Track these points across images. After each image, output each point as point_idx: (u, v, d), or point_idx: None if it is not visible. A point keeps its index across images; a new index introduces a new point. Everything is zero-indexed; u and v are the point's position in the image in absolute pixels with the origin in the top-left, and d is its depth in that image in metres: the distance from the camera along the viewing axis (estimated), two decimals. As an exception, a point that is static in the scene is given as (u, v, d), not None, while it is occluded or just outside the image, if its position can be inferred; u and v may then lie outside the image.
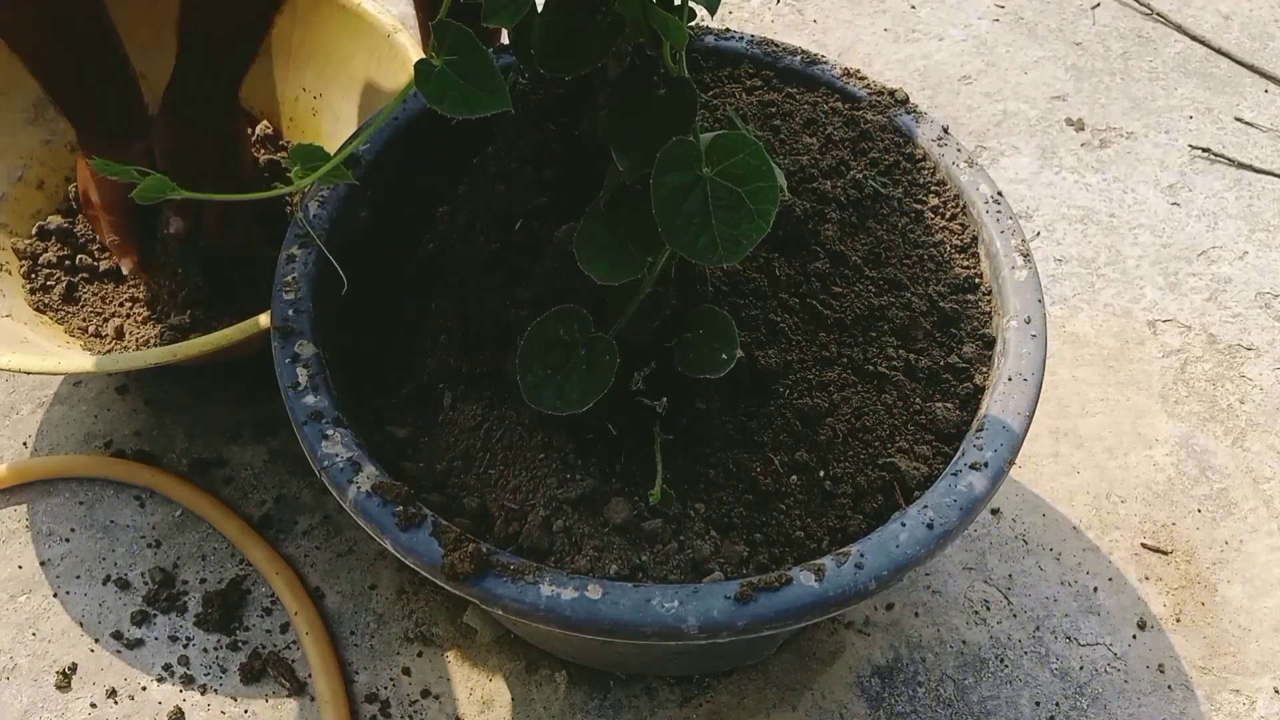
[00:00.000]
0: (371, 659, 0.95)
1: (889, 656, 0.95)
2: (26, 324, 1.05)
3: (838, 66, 0.96)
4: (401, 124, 0.92)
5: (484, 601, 0.68)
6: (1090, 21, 1.52)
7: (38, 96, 1.16)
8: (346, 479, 0.72)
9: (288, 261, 0.83)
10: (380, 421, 0.80)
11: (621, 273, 0.65)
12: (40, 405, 1.12)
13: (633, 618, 0.66)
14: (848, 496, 0.75)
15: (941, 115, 1.39)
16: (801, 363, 0.78)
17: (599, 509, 0.73)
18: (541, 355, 0.68)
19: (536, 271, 0.75)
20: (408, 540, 0.69)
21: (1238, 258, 1.25)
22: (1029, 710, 0.93)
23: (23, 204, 1.15)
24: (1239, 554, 1.02)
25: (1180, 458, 1.09)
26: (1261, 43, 1.48)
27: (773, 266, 0.79)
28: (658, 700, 0.93)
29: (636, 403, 0.72)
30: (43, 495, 1.05)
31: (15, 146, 1.15)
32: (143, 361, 0.94)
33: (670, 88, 0.64)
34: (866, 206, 0.87)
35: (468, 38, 0.59)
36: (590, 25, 0.62)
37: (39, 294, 1.10)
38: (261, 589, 0.99)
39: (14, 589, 1.00)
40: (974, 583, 1.00)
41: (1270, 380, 1.15)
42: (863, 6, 1.55)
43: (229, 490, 1.05)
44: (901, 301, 0.83)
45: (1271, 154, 1.35)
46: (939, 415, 0.79)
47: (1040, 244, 1.26)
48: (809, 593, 0.67)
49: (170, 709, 0.92)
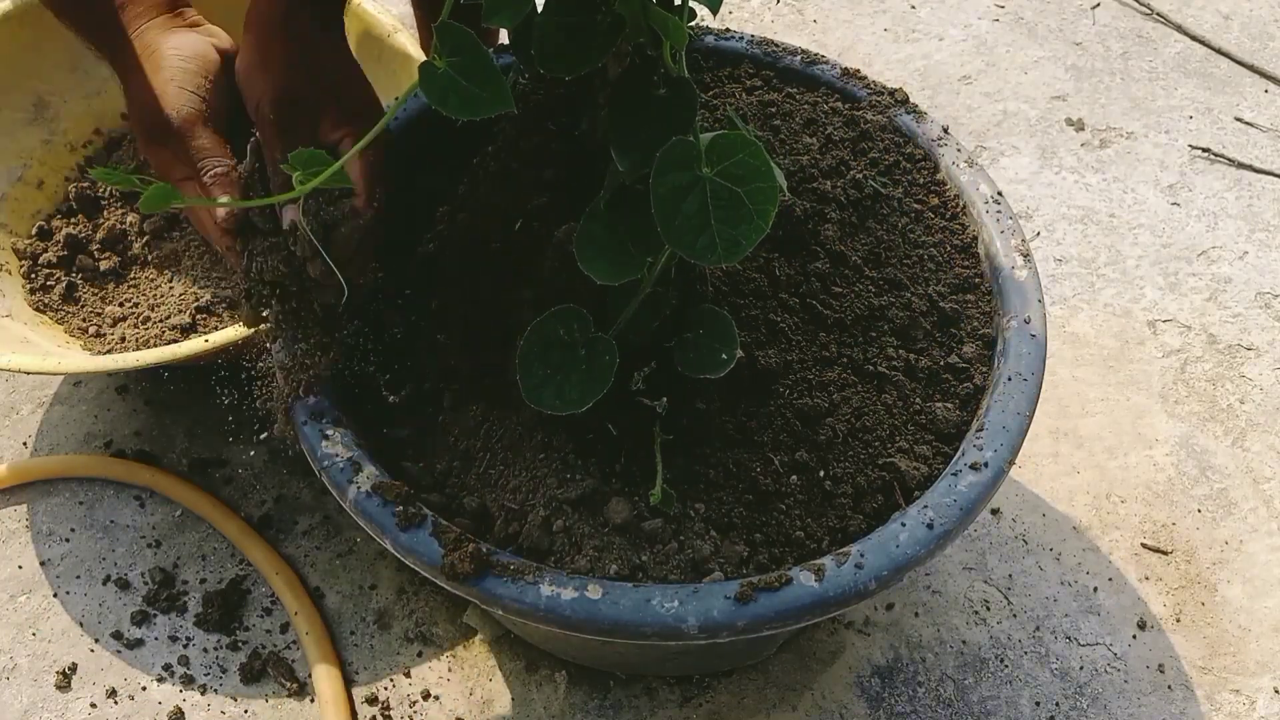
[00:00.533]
0: (371, 659, 0.95)
1: (889, 656, 0.95)
2: (26, 324, 1.05)
3: (838, 66, 0.96)
4: (401, 124, 0.92)
5: (484, 601, 0.68)
6: (1090, 21, 1.52)
7: (38, 96, 1.16)
8: (346, 479, 0.72)
9: (288, 261, 0.83)
10: (380, 422, 0.80)
11: (621, 273, 0.65)
12: (40, 405, 1.12)
13: (633, 618, 0.66)
14: (848, 496, 0.75)
15: (941, 115, 1.39)
16: (801, 363, 0.78)
17: (599, 509, 0.73)
18: (541, 355, 0.68)
19: (536, 271, 0.75)
20: (408, 540, 0.69)
21: (1238, 258, 1.25)
22: (1029, 710, 0.93)
23: (23, 204, 1.15)
24: (1239, 554, 1.02)
25: (1180, 458, 1.09)
26: (1261, 43, 1.48)
27: (773, 266, 0.79)
28: (658, 700, 0.93)
29: (636, 403, 0.72)
30: (43, 495, 1.05)
31: (15, 146, 1.15)
32: (143, 361, 0.94)
33: (670, 88, 0.64)
34: (866, 206, 0.87)
35: (470, 39, 0.59)
36: (590, 25, 0.62)
37: (39, 294, 1.10)
38: (261, 589, 0.99)
39: (14, 589, 1.00)
40: (974, 583, 1.00)
41: (1270, 380, 1.15)
42: (863, 6, 1.55)
43: (229, 490, 1.05)
44: (901, 301, 0.83)
45: (1271, 154, 1.35)
46: (939, 415, 0.79)
47: (1040, 244, 1.26)
48: (809, 593, 0.67)
49: (170, 709, 0.92)
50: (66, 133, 1.18)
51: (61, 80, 1.18)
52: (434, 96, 0.59)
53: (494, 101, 0.59)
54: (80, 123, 1.19)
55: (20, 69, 1.15)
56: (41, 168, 1.17)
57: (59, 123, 1.17)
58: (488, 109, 0.59)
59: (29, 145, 1.16)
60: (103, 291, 1.12)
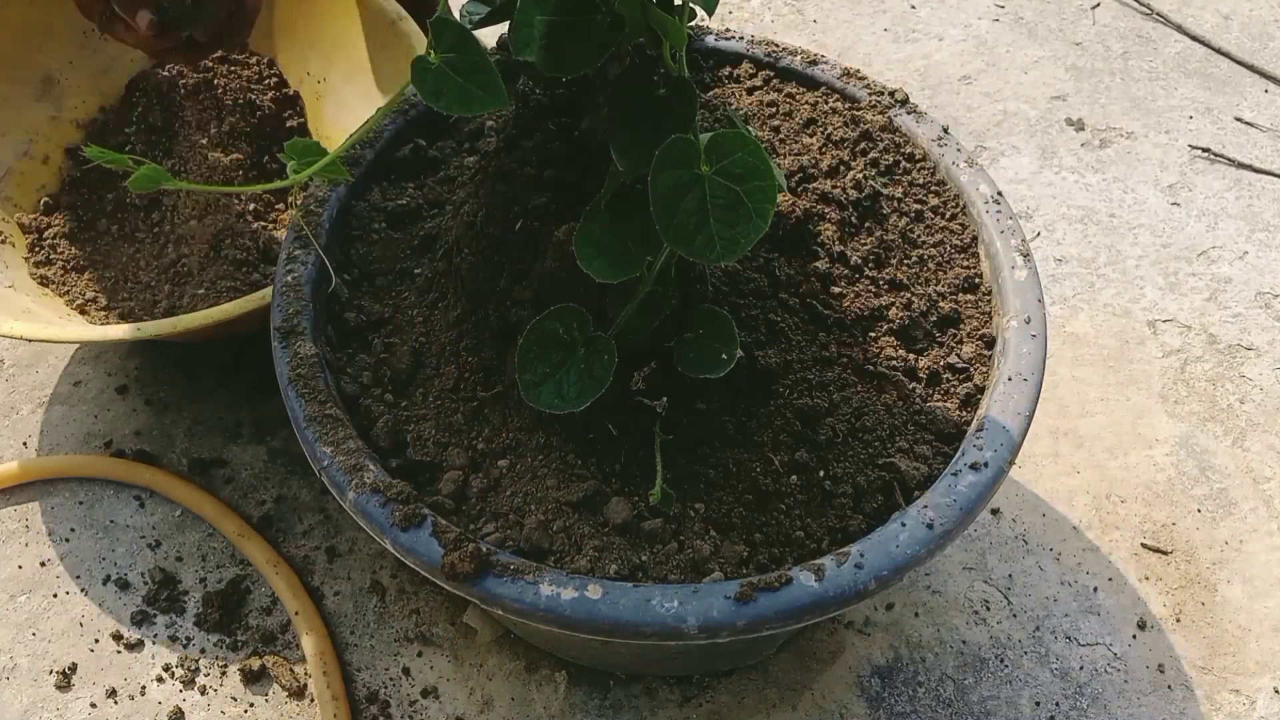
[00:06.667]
0: (371, 659, 0.95)
1: (889, 656, 0.95)
2: (29, 295, 1.06)
3: (838, 66, 0.96)
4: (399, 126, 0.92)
5: (484, 601, 0.68)
6: (1090, 21, 1.52)
7: (46, 73, 1.18)
8: (346, 479, 0.72)
9: (288, 262, 0.83)
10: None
11: (621, 271, 0.65)
12: (40, 405, 1.12)
13: (633, 618, 0.66)
14: (848, 496, 0.75)
15: (941, 115, 1.39)
16: (801, 363, 0.78)
17: (599, 509, 0.73)
18: (540, 354, 0.68)
19: (536, 271, 0.75)
20: (408, 540, 0.69)
21: (1238, 258, 1.25)
22: (1029, 710, 0.93)
23: (28, 178, 1.16)
24: (1239, 554, 1.02)
25: (1180, 458, 1.09)
26: (1261, 43, 1.48)
27: (773, 266, 0.79)
28: (658, 700, 0.93)
29: (636, 403, 0.72)
30: (43, 495, 1.05)
31: (21, 122, 1.17)
32: (144, 332, 0.94)
33: (670, 88, 0.64)
34: (866, 206, 0.87)
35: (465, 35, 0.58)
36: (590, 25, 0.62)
37: (42, 267, 1.11)
38: (261, 589, 0.99)
39: (14, 589, 1.00)
40: (974, 583, 1.00)
41: (1270, 380, 1.14)
42: (863, 6, 1.55)
43: (229, 490, 1.05)
44: (901, 301, 0.83)
45: (1271, 154, 1.35)
46: (939, 415, 0.79)
47: (1040, 244, 1.26)
48: (809, 593, 0.67)
49: (170, 709, 0.92)
50: (73, 110, 1.20)
51: (69, 58, 1.19)
52: (427, 92, 0.59)
53: (488, 98, 0.59)
54: (87, 99, 1.20)
55: (29, 46, 1.17)
56: (47, 143, 1.18)
57: (65, 99, 1.19)
58: (481, 106, 0.59)
59: (35, 121, 1.18)
60: (105, 265, 1.13)
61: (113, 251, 1.14)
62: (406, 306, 0.85)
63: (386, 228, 0.89)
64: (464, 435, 0.78)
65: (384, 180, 0.92)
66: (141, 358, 1.15)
